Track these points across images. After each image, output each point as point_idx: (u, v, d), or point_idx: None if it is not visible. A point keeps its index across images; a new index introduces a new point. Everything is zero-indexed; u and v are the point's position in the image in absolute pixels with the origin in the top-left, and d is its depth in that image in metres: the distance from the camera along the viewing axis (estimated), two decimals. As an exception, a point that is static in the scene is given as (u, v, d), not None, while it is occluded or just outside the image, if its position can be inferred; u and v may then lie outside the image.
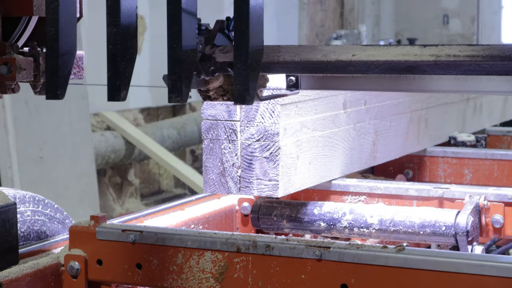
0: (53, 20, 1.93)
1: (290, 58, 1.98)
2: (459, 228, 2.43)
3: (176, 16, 1.86)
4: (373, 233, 2.53)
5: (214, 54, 1.96)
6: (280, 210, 2.65)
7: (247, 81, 1.84)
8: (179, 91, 1.87)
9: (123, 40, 1.91)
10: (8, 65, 2.14)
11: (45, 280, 2.23)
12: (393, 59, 1.89)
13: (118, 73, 1.91)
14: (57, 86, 1.94)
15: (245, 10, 1.84)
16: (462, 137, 3.77)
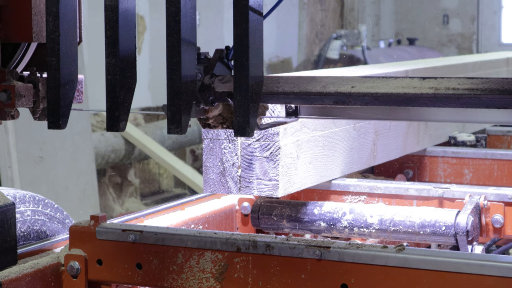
0: (54, 50, 1.95)
1: (289, 89, 1.98)
2: (459, 228, 2.43)
3: (175, 48, 1.87)
4: (373, 233, 2.53)
5: (213, 84, 1.96)
6: (280, 210, 2.65)
7: (247, 114, 1.85)
8: (178, 122, 1.88)
9: (122, 71, 1.92)
10: (8, 92, 2.14)
11: (45, 280, 2.23)
12: (392, 92, 1.89)
13: (117, 103, 1.92)
14: (58, 116, 1.96)
15: (245, 43, 1.85)
16: (462, 137, 3.77)
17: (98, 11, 2.01)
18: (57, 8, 1.94)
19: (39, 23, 2.20)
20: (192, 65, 1.92)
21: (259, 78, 1.91)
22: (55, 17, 1.94)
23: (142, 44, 9.80)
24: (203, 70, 1.97)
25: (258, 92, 1.90)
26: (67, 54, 1.97)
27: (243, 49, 1.85)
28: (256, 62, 1.88)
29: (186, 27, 1.88)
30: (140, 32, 9.74)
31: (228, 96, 1.94)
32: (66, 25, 1.97)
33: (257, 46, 1.88)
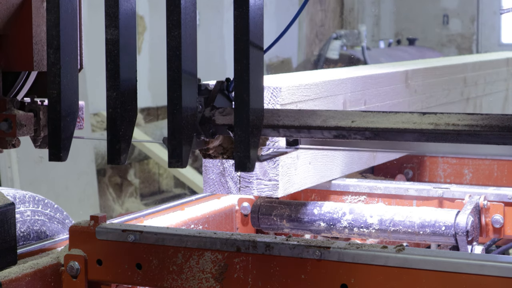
0: (55, 82, 1.96)
1: (290, 123, 1.99)
2: (459, 228, 2.43)
3: (176, 82, 1.88)
4: (373, 233, 2.53)
5: (214, 117, 1.97)
6: (280, 210, 2.65)
7: (248, 149, 1.87)
8: (179, 156, 1.89)
9: (122, 104, 1.93)
10: (9, 121, 2.16)
11: (45, 280, 2.23)
12: (392, 127, 1.91)
13: (118, 136, 1.94)
14: (59, 148, 1.97)
15: (246, 78, 1.87)
16: (462, 137, 3.77)
17: (98, 10, 2.01)
18: (58, 41, 1.95)
19: (40, 52, 2.22)
20: (193, 99, 1.93)
21: (260, 112, 1.93)
22: (56, 49, 1.95)
23: (142, 44, 9.80)
24: (204, 101, 1.99)
25: (259, 126, 1.92)
26: (68, 86, 1.98)
27: (243, 84, 1.86)
28: (256, 96, 1.89)
29: (187, 61, 1.89)
30: (140, 32, 9.73)
31: (229, 129, 1.96)
32: (67, 57, 1.97)
33: (257, 80, 1.89)
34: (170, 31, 1.87)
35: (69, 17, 1.96)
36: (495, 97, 4.46)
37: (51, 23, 1.95)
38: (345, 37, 12.03)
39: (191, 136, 1.93)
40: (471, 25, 16.39)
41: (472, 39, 16.36)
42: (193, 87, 1.93)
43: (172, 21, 1.87)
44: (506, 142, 1.84)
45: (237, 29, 1.86)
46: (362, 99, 2.91)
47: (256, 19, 1.88)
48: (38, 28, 2.23)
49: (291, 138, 2.16)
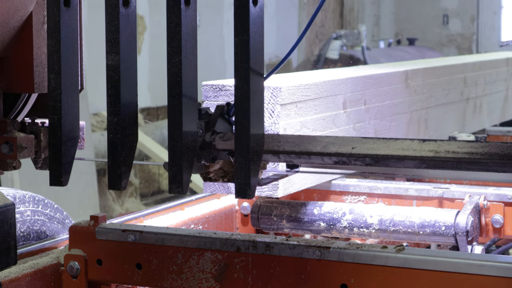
0: (56, 107, 1.97)
1: (290, 149, 2.01)
2: (459, 228, 2.43)
3: (177, 108, 1.89)
4: (373, 233, 2.53)
5: (214, 142, 1.99)
6: (280, 210, 2.64)
7: (248, 176, 1.88)
8: (179, 182, 1.90)
9: (123, 130, 1.94)
10: (10, 144, 2.17)
11: (45, 280, 2.23)
12: (392, 154, 1.92)
13: (118, 162, 1.94)
14: (60, 173, 1.97)
15: (246, 105, 1.88)
16: (462, 137, 3.76)
17: (98, 10, 2.02)
18: (59, 66, 1.95)
19: (41, 74, 2.23)
20: (193, 124, 1.94)
21: (260, 138, 1.94)
22: (57, 74, 1.96)
23: (142, 44, 9.80)
24: (204, 125, 2.00)
25: (259, 152, 1.93)
26: (69, 111, 1.98)
27: (244, 111, 1.88)
28: (257, 122, 1.91)
29: (187, 86, 1.90)
30: (140, 32, 9.74)
31: (229, 154, 1.97)
32: (68, 82, 1.98)
33: (258, 106, 1.90)
34: (171, 57, 1.88)
35: (69, 41, 1.97)
36: (495, 97, 4.46)
37: (52, 48, 1.96)
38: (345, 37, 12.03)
39: (192, 162, 1.94)
40: (471, 25, 16.39)
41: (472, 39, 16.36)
42: (194, 112, 1.94)
43: (172, 48, 1.88)
44: (506, 170, 1.85)
45: (238, 56, 1.87)
46: (362, 99, 2.91)
47: (256, 46, 1.89)
48: (39, 50, 2.23)
49: (292, 163, 2.16)
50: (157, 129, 9.14)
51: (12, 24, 2.22)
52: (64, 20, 1.94)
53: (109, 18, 1.92)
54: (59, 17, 1.94)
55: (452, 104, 3.82)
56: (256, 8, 1.88)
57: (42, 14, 2.24)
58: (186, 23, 1.88)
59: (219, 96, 2.40)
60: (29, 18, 2.23)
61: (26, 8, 2.23)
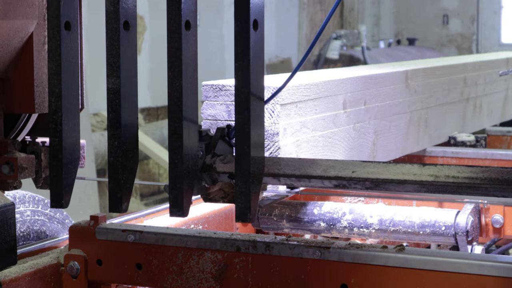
0: (57, 130, 1.97)
1: (290, 172, 2.02)
2: (459, 228, 2.43)
3: (177, 132, 1.90)
4: (373, 233, 2.53)
5: (215, 164, 2.00)
6: (280, 210, 2.65)
7: (248, 200, 1.90)
8: (180, 206, 1.92)
9: (124, 153, 1.94)
10: (10, 164, 2.19)
11: (45, 280, 2.23)
12: (392, 178, 1.93)
13: (119, 185, 1.94)
14: (61, 195, 2.00)
15: (247, 130, 1.89)
16: (462, 137, 3.77)
17: (98, 10, 2.02)
18: (60, 89, 1.96)
19: (41, 94, 2.25)
20: (194, 147, 1.94)
21: (261, 162, 1.94)
22: (58, 97, 1.96)
23: (142, 44, 9.80)
24: (205, 148, 2.01)
25: (259, 176, 1.94)
26: (69, 133, 1.99)
27: (244, 136, 1.89)
28: (257, 146, 1.92)
29: (188, 110, 1.91)
30: (140, 32, 9.74)
31: (230, 177, 1.99)
32: (68, 104, 1.98)
33: (258, 131, 1.91)
34: (172, 81, 1.89)
35: (70, 64, 1.97)
36: (495, 97, 4.46)
37: (52, 71, 1.96)
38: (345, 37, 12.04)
39: (193, 184, 1.95)
40: (471, 25, 16.39)
41: (472, 39, 16.36)
42: (194, 135, 1.95)
43: (173, 72, 1.89)
44: (505, 195, 1.86)
45: (238, 81, 1.88)
46: (362, 99, 2.91)
47: (256, 70, 1.89)
48: (40, 71, 2.25)
49: (292, 186, 2.18)
50: (157, 129, 9.15)
51: (13, 45, 2.24)
52: (65, 43, 1.95)
53: (109, 42, 1.93)
54: (60, 41, 1.95)
55: (452, 104, 3.82)
56: (256, 33, 1.88)
57: (43, 35, 2.26)
58: (186, 47, 1.89)
59: (219, 96, 2.40)
60: (30, 39, 2.25)
61: (26, 29, 2.25)
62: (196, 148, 1.96)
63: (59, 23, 1.94)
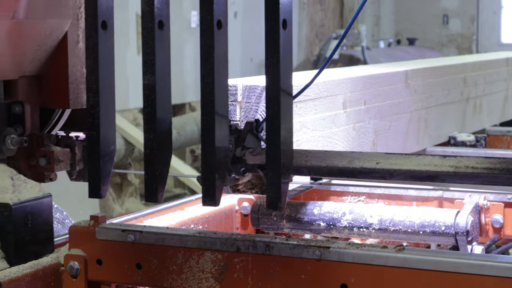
0: (94, 124, 2.06)
1: (317, 163, 2.11)
2: (459, 228, 2.43)
3: (210, 125, 2.00)
4: (373, 233, 2.53)
5: (244, 157, 2.10)
6: (280, 210, 2.64)
7: (279, 190, 2.00)
8: (212, 195, 2.01)
9: (159, 145, 2.03)
10: (47, 157, 2.31)
11: (45, 280, 2.23)
12: (414, 169, 2.03)
13: (155, 176, 2.04)
14: (99, 186, 2.09)
15: (277, 124, 1.99)
16: (462, 137, 3.77)
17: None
18: (97, 85, 2.04)
19: (75, 90, 2.38)
20: (225, 140, 2.04)
21: (290, 154, 2.04)
22: (95, 93, 2.05)
23: (142, 44, 9.79)
24: (234, 141, 2.11)
25: (289, 168, 2.04)
26: (106, 127, 2.08)
27: (275, 129, 1.99)
28: (286, 139, 2.02)
29: (219, 105, 2.01)
30: (140, 32, 9.73)
31: (259, 168, 2.09)
32: (105, 99, 2.07)
33: (287, 124, 2.02)
34: (204, 78, 1.98)
35: (106, 61, 2.06)
36: (495, 97, 4.46)
37: (90, 68, 2.05)
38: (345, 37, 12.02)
39: (224, 176, 2.04)
40: (471, 25, 16.40)
41: (472, 39, 16.36)
42: (225, 129, 2.04)
43: (205, 69, 1.98)
44: None
45: (269, 77, 1.98)
46: (362, 99, 2.91)
47: (285, 68, 1.99)
48: (74, 68, 2.37)
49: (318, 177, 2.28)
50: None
51: (49, 44, 2.35)
52: (102, 42, 2.04)
53: (145, 40, 2.01)
54: (97, 39, 2.03)
55: (452, 104, 3.83)
56: (285, 32, 1.98)
57: (76, 34, 2.39)
58: (218, 45, 1.98)
59: (219, 96, 2.40)
60: (64, 38, 2.37)
61: (62, 28, 2.36)
62: (227, 141, 2.05)
63: (96, 23, 2.03)
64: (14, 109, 2.33)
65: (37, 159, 2.35)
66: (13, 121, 2.32)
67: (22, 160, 2.36)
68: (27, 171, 2.35)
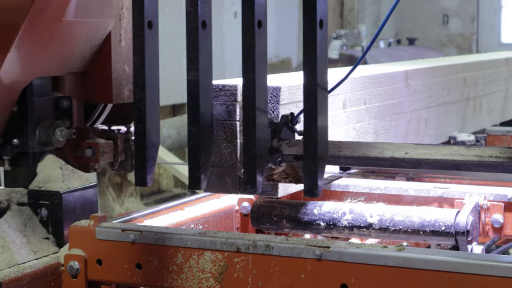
0: (141, 117, 2.17)
1: (350, 154, 2.24)
2: (459, 227, 2.42)
3: (251, 119, 2.13)
4: (373, 233, 2.53)
5: (281, 148, 2.23)
6: (280, 210, 2.64)
7: (316, 178, 2.11)
8: (253, 183, 2.14)
9: (202, 137, 2.16)
10: (92, 149, 2.48)
11: (45, 280, 2.24)
12: (441, 158, 2.15)
13: (198, 166, 2.16)
14: (145, 175, 2.21)
15: (314, 116, 2.12)
16: (462, 137, 3.77)
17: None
18: (144, 80, 2.16)
19: (117, 86, 2.55)
20: (264, 132, 2.17)
21: (325, 145, 2.16)
22: (142, 88, 2.16)
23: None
24: (271, 133, 2.24)
25: (324, 158, 2.15)
26: (151, 120, 2.18)
27: (312, 121, 2.12)
28: (322, 131, 2.14)
29: (260, 99, 2.14)
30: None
31: (294, 158, 2.22)
32: (150, 94, 2.18)
33: (323, 118, 2.15)
34: (246, 73, 2.12)
35: (151, 59, 2.18)
36: (495, 97, 4.46)
37: (137, 65, 2.16)
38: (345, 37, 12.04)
39: (263, 165, 2.17)
40: (471, 25, 16.39)
41: (472, 39, 16.36)
42: (264, 121, 2.17)
43: (247, 65, 2.12)
44: None
45: (306, 73, 2.11)
46: (362, 98, 2.91)
47: (321, 64, 2.12)
48: (116, 65, 2.54)
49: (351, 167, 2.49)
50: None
51: (94, 42, 2.51)
52: (148, 40, 2.16)
53: (189, 38, 2.14)
54: (143, 38, 2.15)
55: (452, 104, 3.82)
56: (322, 31, 2.11)
57: (119, 33, 2.56)
58: (259, 43, 2.12)
59: (219, 96, 2.40)
60: (108, 37, 2.54)
61: (106, 28, 2.52)
62: (266, 133, 2.18)
63: (143, 22, 2.15)
64: (62, 103, 2.48)
65: (83, 150, 2.51)
66: (61, 115, 2.48)
67: (68, 151, 2.51)
68: (73, 162, 2.50)
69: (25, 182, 2.43)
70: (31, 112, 2.43)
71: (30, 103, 2.42)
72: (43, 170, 2.43)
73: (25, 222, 2.37)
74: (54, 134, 2.44)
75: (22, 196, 2.41)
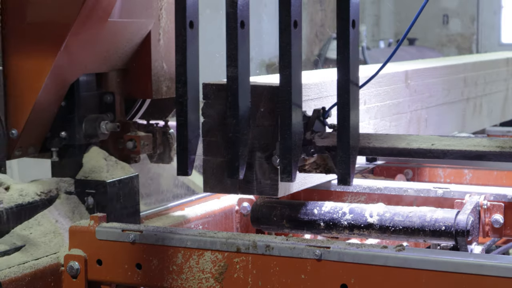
0: (183, 111, 2.27)
1: (379, 145, 2.34)
2: (459, 228, 2.42)
3: (287, 112, 2.24)
4: (373, 233, 2.53)
5: (314, 140, 2.34)
6: (280, 210, 2.64)
7: (348, 167, 2.24)
8: (289, 173, 2.25)
9: (240, 129, 2.26)
10: (133, 141, 2.63)
11: (45, 280, 2.24)
12: (465, 149, 2.26)
13: (237, 156, 2.26)
14: (187, 166, 2.28)
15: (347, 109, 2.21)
16: (462, 137, 3.77)
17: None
18: (185, 77, 2.26)
19: (156, 83, 2.70)
20: (299, 125, 2.28)
21: (357, 136, 2.27)
22: (184, 84, 2.26)
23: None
24: (303, 126, 2.34)
25: (356, 148, 2.27)
26: (192, 114, 2.28)
27: (345, 115, 2.22)
28: (354, 124, 2.24)
29: (295, 94, 2.25)
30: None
31: (326, 150, 2.32)
32: (191, 90, 2.28)
33: (355, 111, 2.25)
34: (283, 70, 2.23)
35: (192, 56, 2.27)
36: (495, 97, 4.46)
37: (179, 62, 2.27)
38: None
39: (298, 156, 2.28)
40: (471, 25, 16.39)
41: (472, 39, 16.36)
42: (299, 115, 2.28)
43: (284, 62, 2.23)
44: None
45: (340, 70, 2.22)
46: (362, 98, 2.91)
47: (353, 61, 2.22)
48: (156, 63, 2.68)
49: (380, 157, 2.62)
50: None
51: (135, 41, 2.65)
52: (189, 39, 2.26)
53: (229, 37, 2.25)
54: (185, 37, 2.25)
55: (452, 104, 3.82)
56: (354, 31, 2.21)
57: (158, 32, 2.70)
58: (294, 42, 2.23)
59: (219, 96, 2.40)
60: (148, 36, 2.68)
61: (146, 27, 2.67)
62: (300, 126, 2.29)
63: (185, 22, 2.24)
64: (106, 98, 2.63)
65: (125, 142, 2.64)
66: (105, 109, 2.62)
67: (110, 143, 2.65)
68: (115, 154, 2.63)
69: (72, 172, 2.56)
70: (78, 106, 2.56)
71: (77, 98, 2.56)
72: (89, 161, 2.55)
73: (73, 209, 2.49)
74: (99, 127, 2.58)
75: (69, 185, 2.54)
